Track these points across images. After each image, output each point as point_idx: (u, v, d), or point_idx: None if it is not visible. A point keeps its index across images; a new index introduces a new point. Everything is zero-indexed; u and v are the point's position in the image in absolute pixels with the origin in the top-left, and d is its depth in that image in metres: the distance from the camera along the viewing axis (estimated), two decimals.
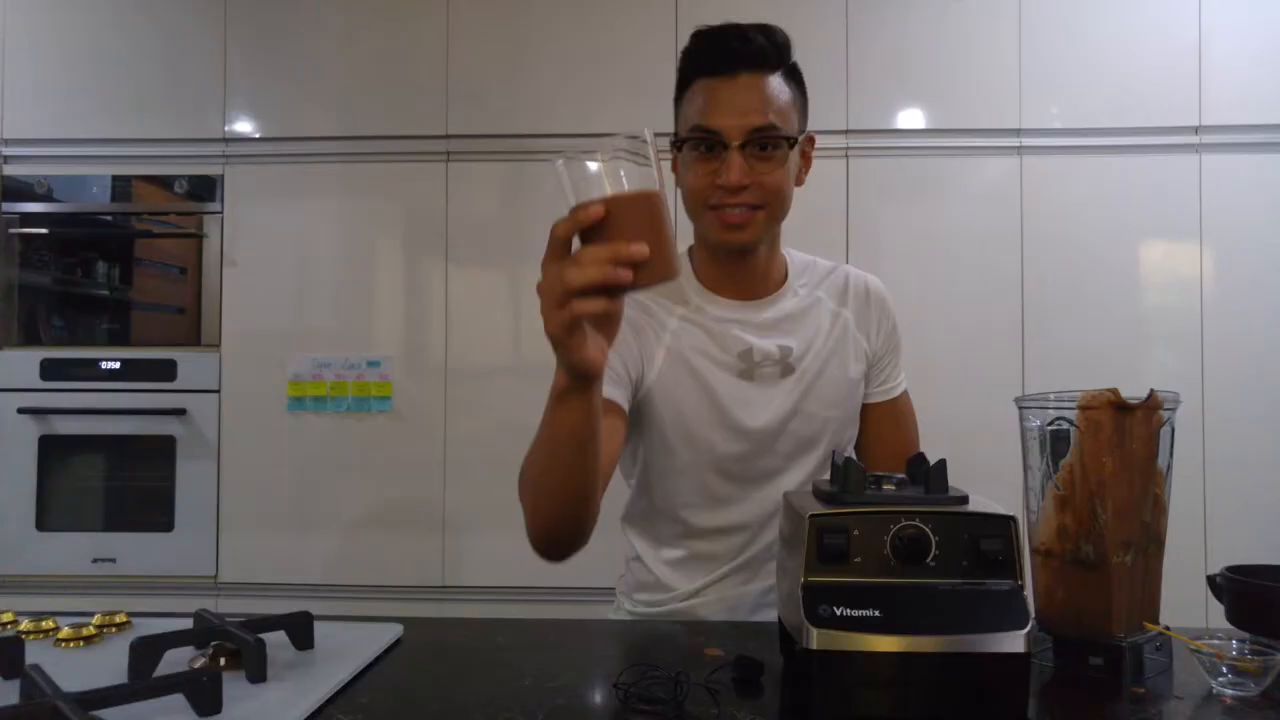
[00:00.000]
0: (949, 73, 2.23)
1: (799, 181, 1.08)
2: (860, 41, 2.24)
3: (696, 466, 1.08)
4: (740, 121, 0.99)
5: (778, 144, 1.01)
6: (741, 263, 1.09)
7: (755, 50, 1.00)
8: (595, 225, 0.64)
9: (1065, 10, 2.21)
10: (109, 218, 2.36)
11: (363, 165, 2.30)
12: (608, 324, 0.71)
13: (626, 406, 1.04)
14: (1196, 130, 2.18)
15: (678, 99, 1.08)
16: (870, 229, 2.23)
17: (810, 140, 1.10)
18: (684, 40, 1.05)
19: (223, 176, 2.31)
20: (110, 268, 2.39)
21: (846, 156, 2.23)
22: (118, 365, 2.28)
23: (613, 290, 0.64)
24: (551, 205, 0.69)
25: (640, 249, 0.63)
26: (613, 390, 1.00)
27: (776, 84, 1.01)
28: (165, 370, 2.28)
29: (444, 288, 2.28)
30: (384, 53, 2.31)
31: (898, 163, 2.23)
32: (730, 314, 1.09)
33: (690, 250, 1.15)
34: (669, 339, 1.08)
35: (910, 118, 2.25)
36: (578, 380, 0.72)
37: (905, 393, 1.18)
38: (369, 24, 2.32)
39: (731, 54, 1.00)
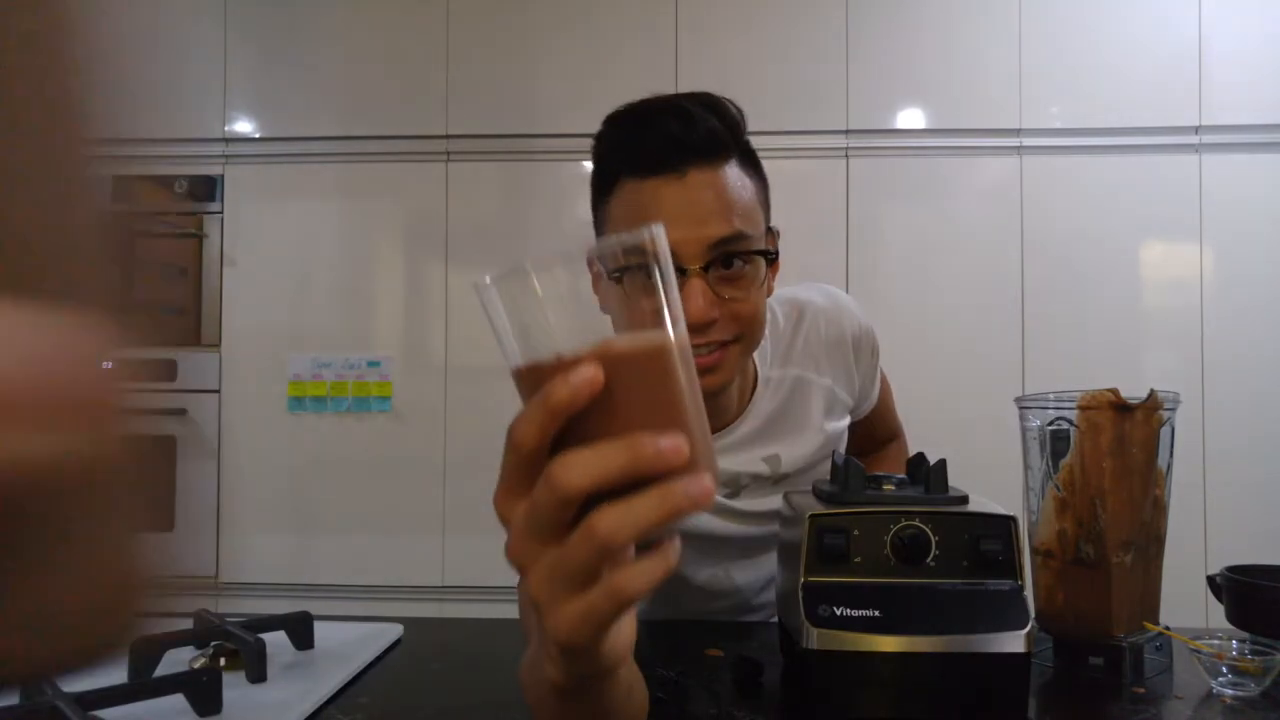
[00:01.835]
0: (949, 73, 2.23)
1: (769, 291, 0.86)
2: (860, 41, 2.24)
3: (684, 574, 0.96)
4: (699, 234, 0.75)
5: (748, 258, 0.78)
6: (711, 398, 0.87)
7: (705, 136, 0.76)
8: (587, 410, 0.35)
9: (1065, 10, 2.21)
10: None
11: (363, 165, 2.30)
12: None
13: None
14: (1196, 130, 2.18)
15: (597, 203, 0.83)
16: (870, 229, 2.23)
17: (775, 235, 0.87)
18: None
19: (223, 176, 2.31)
20: None
21: (846, 156, 2.23)
22: None
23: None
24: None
25: (678, 450, 0.34)
26: None
27: (735, 176, 0.78)
28: (165, 370, 2.28)
29: (444, 288, 2.28)
30: (384, 53, 2.31)
31: (898, 163, 2.23)
32: None
33: None
34: None
35: (910, 118, 2.25)
36: (598, 676, 0.42)
37: (882, 379, 1.11)
38: (369, 24, 2.32)
39: (675, 144, 0.76)
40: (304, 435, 2.27)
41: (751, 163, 0.83)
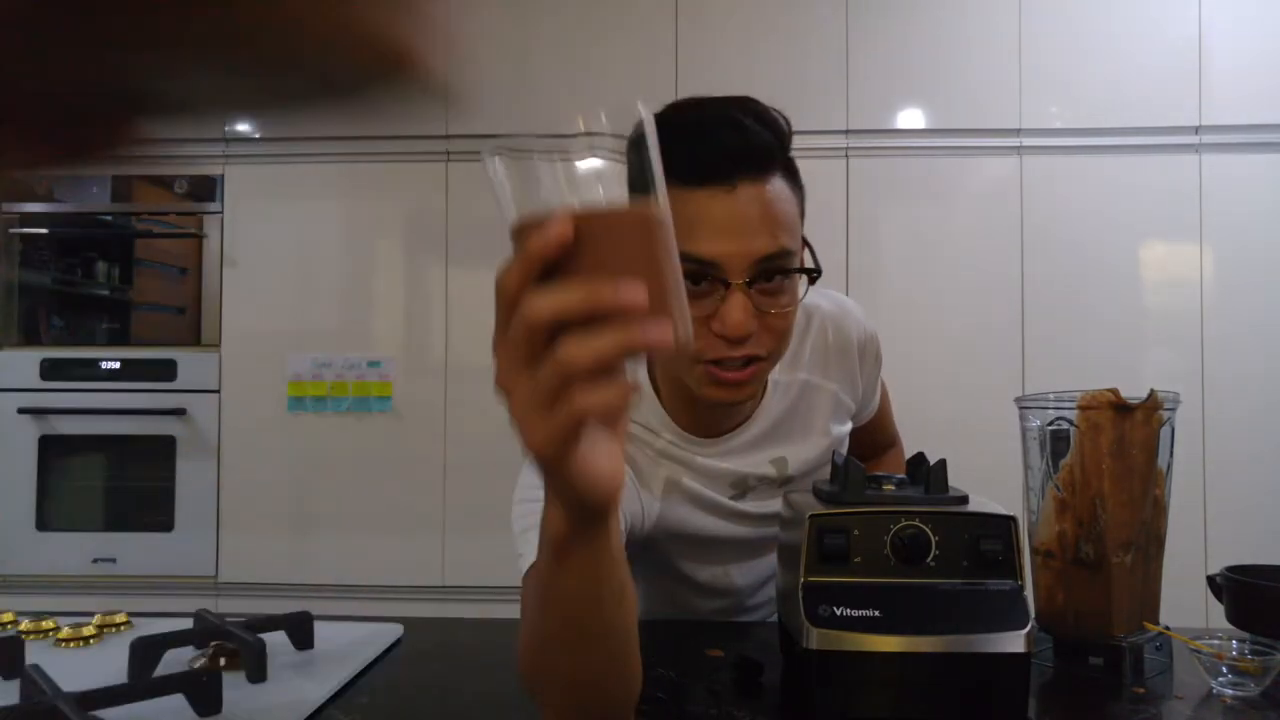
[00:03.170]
0: (949, 73, 2.23)
1: None
2: (860, 41, 2.24)
3: (687, 572, 0.97)
4: (745, 248, 0.75)
5: (790, 274, 0.79)
6: (728, 408, 0.90)
7: (758, 146, 0.76)
8: (566, 263, 0.40)
9: (1065, 10, 2.21)
10: (109, 218, 2.36)
11: (363, 165, 2.30)
12: (616, 415, 0.45)
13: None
14: (1196, 130, 2.18)
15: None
16: (870, 229, 2.23)
17: (807, 244, 0.87)
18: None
19: (223, 176, 2.31)
20: (110, 268, 2.39)
21: (846, 156, 2.23)
22: (118, 365, 2.28)
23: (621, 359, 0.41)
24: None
25: (634, 298, 0.39)
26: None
27: (781, 189, 0.78)
28: (165, 370, 2.28)
29: (444, 288, 2.28)
30: None
31: (898, 163, 2.23)
32: (713, 449, 0.93)
33: (650, 373, 0.93)
34: (663, 471, 0.91)
35: (910, 118, 2.25)
36: (588, 517, 0.47)
37: (882, 386, 1.11)
38: None
39: (727, 156, 0.75)
40: (304, 435, 2.27)
41: (793, 174, 0.82)
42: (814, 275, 0.82)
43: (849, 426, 1.04)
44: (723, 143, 0.75)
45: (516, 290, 0.41)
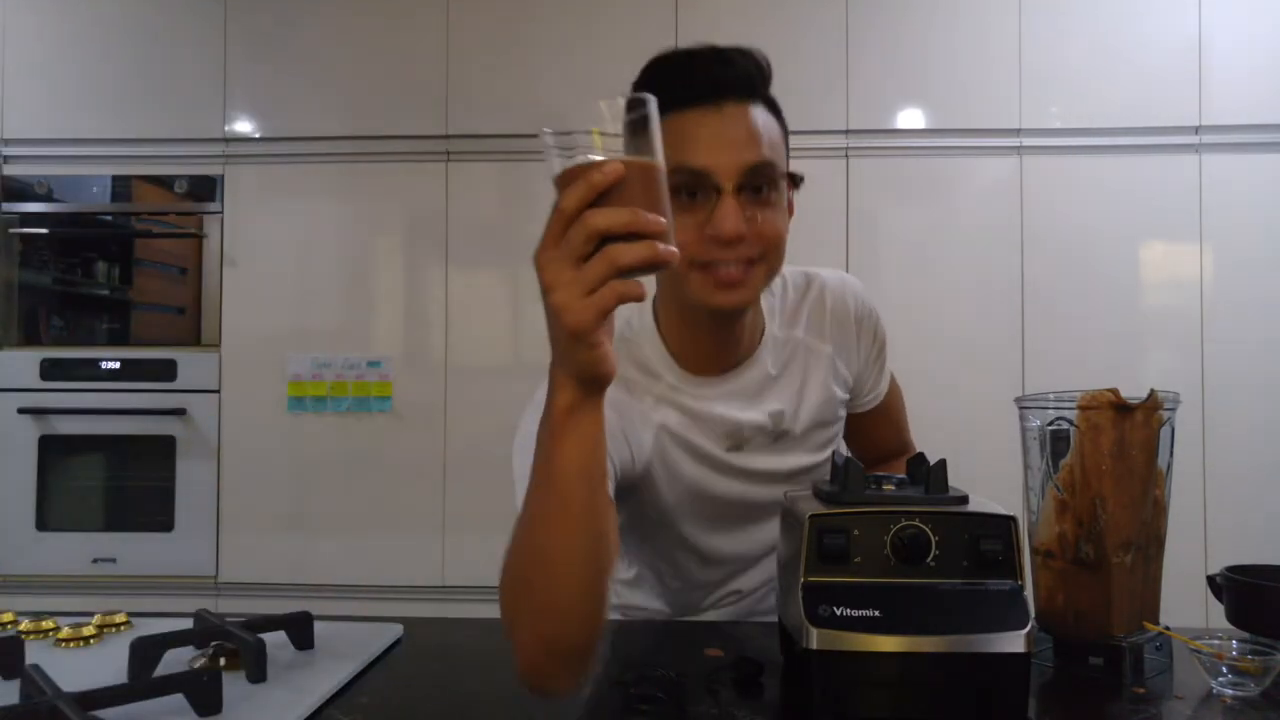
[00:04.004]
0: (949, 73, 2.23)
1: (791, 212, 0.94)
2: (860, 41, 2.24)
3: (686, 534, 1.00)
4: (733, 159, 0.82)
5: (775, 184, 0.86)
6: (726, 329, 0.94)
7: (740, 74, 0.86)
8: (603, 198, 0.55)
9: (1065, 10, 2.21)
10: (109, 218, 2.36)
11: (363, 165, 2.30)
12: (608, 320, 0.60)
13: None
14: (1196, 130, 2.18)
15: None
16: (870, 229, 2.23)
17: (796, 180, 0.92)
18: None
19: (223, 176, 2.31)
20: (110, 268, 2.39)
21: (846, 156, 2.23)
22: (118, 365, 2.28)
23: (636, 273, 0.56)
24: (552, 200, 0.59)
25: (661, 222, 0.55)
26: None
27: (764, 115, 0.87)
28: (165, 370, 2.28)
29: (444, 288, 2.28)
30: (384, 53, 2.31)
31: (898, 163, 2.23)
32: (710, 390, 0.96)
33: (655, 316, 0.99)
34: (657, 418, 0.94)
35: (910, 118, 2.25)
36: (593, 389, 0.61)
37: (891, 380, 1.12)
38: (369, 24, 2.32)
39: (714, 79, 0.85)
40: (304, 435, 2.27)
41: (776, 110, 0.90)
42: (797, 181, 0.89)
43: (846, 396, 1.06)
44: (709, 68, 0.85)
45: (576, 209, 0.55)
